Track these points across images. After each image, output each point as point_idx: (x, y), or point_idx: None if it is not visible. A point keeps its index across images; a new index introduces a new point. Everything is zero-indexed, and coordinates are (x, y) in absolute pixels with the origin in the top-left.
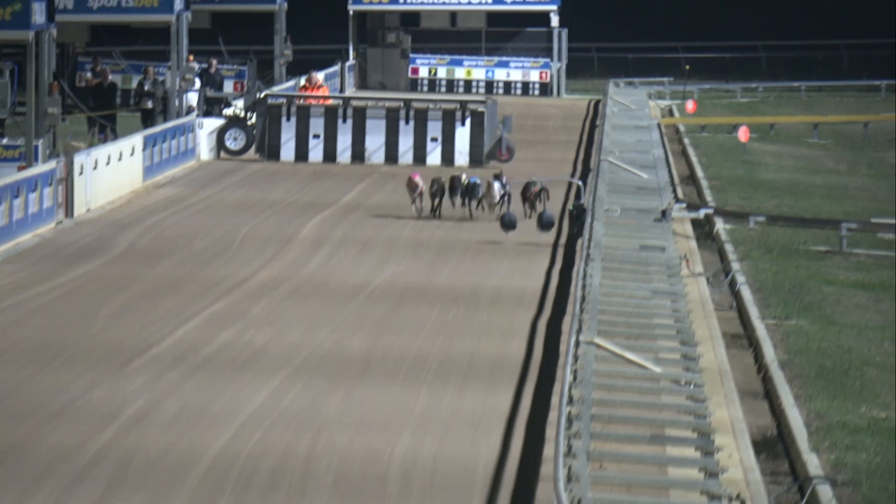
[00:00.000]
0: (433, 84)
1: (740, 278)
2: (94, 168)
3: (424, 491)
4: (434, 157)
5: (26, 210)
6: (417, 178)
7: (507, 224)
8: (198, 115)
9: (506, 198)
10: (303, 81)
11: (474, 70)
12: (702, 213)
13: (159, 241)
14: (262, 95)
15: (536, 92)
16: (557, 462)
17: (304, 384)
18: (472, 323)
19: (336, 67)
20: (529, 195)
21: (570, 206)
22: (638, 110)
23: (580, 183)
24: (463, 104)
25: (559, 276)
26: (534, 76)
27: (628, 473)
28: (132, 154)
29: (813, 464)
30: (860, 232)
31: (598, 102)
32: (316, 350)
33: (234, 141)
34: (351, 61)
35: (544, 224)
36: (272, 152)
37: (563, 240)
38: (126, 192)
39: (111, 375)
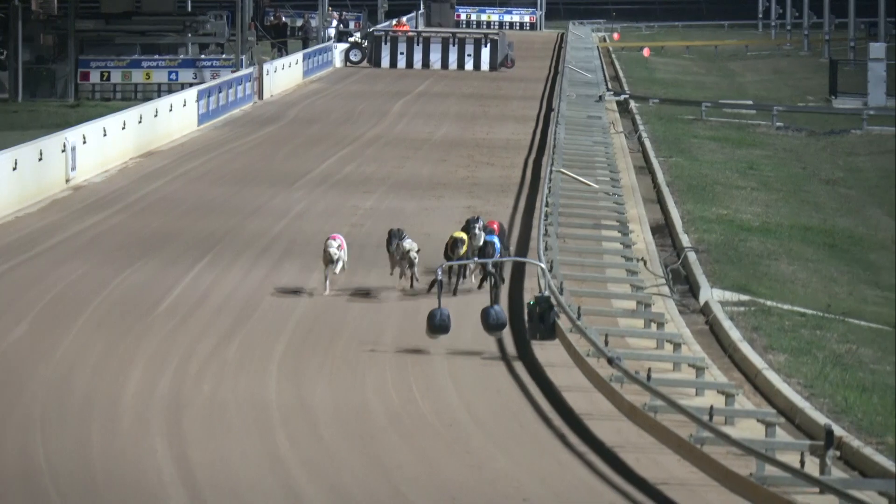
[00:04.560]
0: (468, 24)
1: (644, 134)
2: (275, 71)
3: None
4: (468, 64)
5: (236, 96)
6: (336, 244)
7: (438, 327)
8: (334, 42)
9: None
10: (394, 22)
11: (492, 15)
12: (622, 97)
13: (311, 114)
14: (371, 30)
15: (527, 28)
16: (539, 238)
17: (394, 195)
18: (492, 160)
19: (413, 14)
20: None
21: (530, 299)
22: (585, 39)
23: (542, 265)
24: (485, 35)
25: (540, 133)
26: (526, 18)
27: (580, 245)
28: (297, 63)
29: (685, 240)
30: (712, 108)
31: (563, 34)
32: (401, 175)
33: (354, 56)
34: (421, 10)
35: (492, 325)
36: (376, 62)
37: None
38: (293, 86)
39: (284, 190)
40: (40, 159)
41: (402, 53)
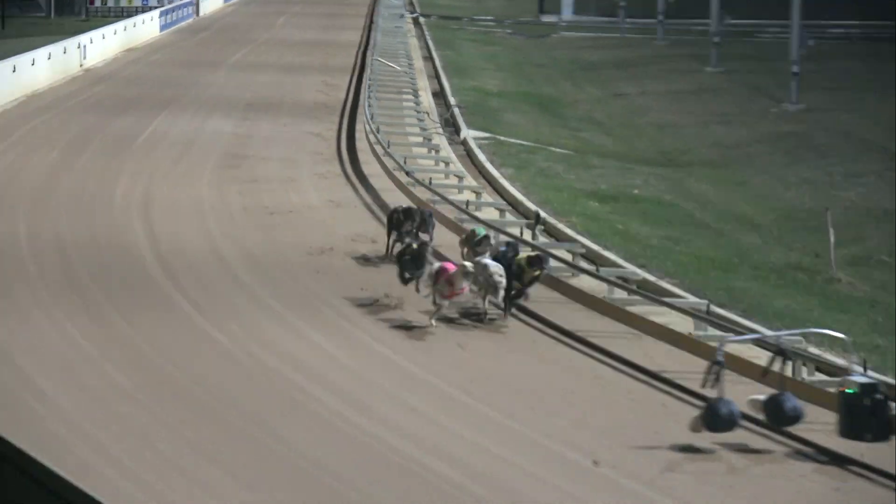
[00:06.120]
0: None
1: (428, 37)
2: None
3: (328, 110)
4: None
5: (183, 14)
6: (464, 288)
7: (727, 422)
8: None
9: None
10: None
11: None
12: (415, 15)
13: (228, 25)
14: None
15: None
16: (365, 100)
17: (279, 73)
18: (337, 53)
19: None
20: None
21: (848, 387)
22: None
23: (843, 336)
24: None
25: (366, 37)
26: None
27: (390, 104)
28: None
29: (452, 101)
30: (469, 21)
31: None
32: (283, 62)
33: None
34: None
35: (787, 417)
36: None
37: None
38: (217, 9)
39: (213, 71)
40: (65, 52)
41: None
